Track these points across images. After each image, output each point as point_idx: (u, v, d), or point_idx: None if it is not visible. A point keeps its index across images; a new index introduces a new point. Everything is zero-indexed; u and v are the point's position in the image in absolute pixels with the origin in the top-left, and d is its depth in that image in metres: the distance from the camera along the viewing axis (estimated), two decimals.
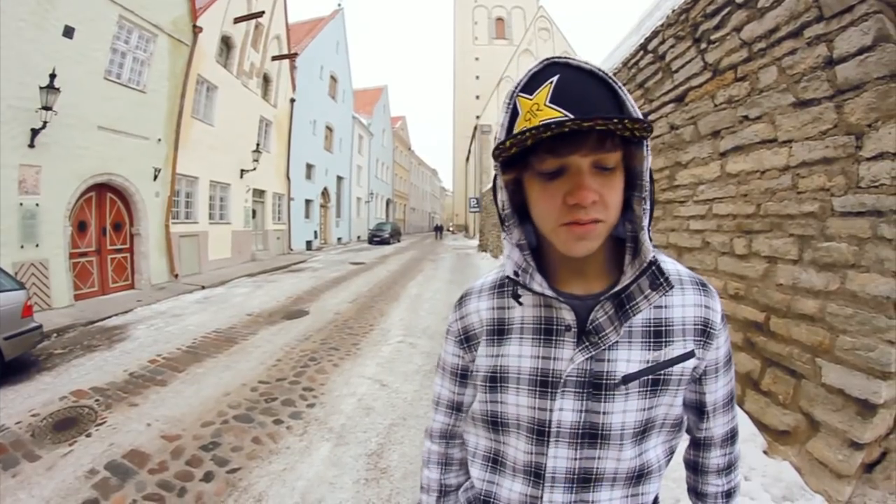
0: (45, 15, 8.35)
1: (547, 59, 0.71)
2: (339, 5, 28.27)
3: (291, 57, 20.07)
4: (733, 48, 3.30)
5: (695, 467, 0.95)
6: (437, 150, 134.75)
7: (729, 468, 0.92)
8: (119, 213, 10.92)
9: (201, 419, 4.15)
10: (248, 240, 17.43)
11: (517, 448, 0.83)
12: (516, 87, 0.70)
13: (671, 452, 0.86)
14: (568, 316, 0.76)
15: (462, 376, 0.96)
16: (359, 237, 33.48)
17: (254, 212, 18.11)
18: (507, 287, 0.88)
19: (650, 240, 0.73)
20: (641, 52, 4.84)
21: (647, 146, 0.70)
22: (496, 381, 0.83)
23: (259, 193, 18.56)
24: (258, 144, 17.21)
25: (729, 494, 0.93)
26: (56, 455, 3.52)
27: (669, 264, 0.83)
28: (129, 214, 11.18)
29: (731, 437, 0.92)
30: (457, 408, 0.99)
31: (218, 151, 14.71)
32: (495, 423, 0.86)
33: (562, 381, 0.76)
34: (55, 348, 6.47)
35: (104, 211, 10.47)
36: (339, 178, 29.36)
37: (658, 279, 0.73)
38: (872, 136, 2.25)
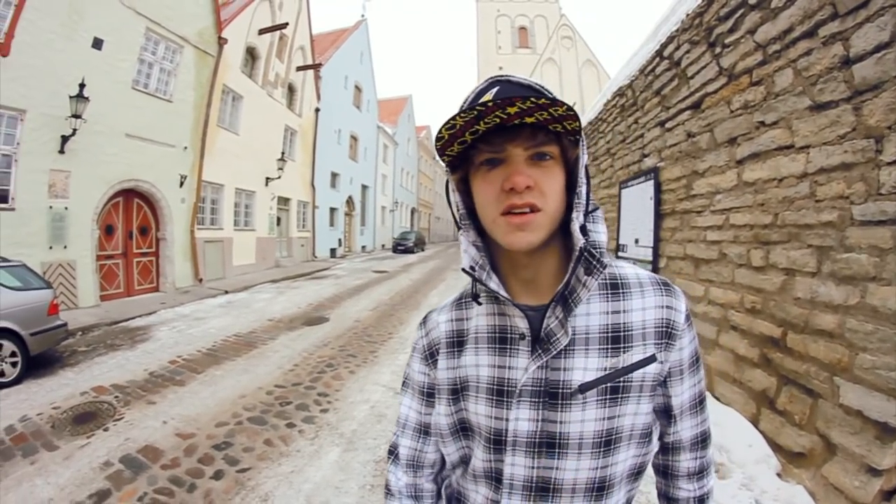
0: (75, 27, 8.65)
1: (490, 77, 0.75)
2: (363, 16, 28.56)
3: (316, 67, 20.33)
4: (748, 51, 3.19)
5: (665, 472, 0.90)
6: None
7: (701, 473, 0.88)
8: (145, 218, 11.17)
9: (216, 419, 4.21)
10: (273, 246, 17.62)
11: (476, 456, 0.82)
12: (465, 103, 0.74)
13: (640, 468, 0.80)
14: (521, 324, 0.76)
15: (429, 395, 0.93)
16: (383, 245, 33.57)
17: (278, 219, 18.31)
18: (466, 299, 0.90)
19: (584, 231, 0.72)
20: (658, 59, 4.73)
21: (582, 143, 0.73)
22: (457, 392, 0.84)
23: (284, 201, 18.76)
24: (283, 153, 17.41)
25: (701, 500, 0.88)
26: (74, 446, 3.66)
27: (628, 269, 0.82)
28: (156, 219, 11.42)
29: (702, 440, 0.87)
30: (424, 431, 0.94)
31: (243, 159, 14.94)
32: (465, 430, 0.85)
33: (517, 390, 0.75)
34: (79, 346, 6.66)
35: (131, 215, 10.72)
36: (364, 187, 29.54)
37: (591, 263, 0.71)
38: (893, 139, 2.11)
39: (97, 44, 9.06)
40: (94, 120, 8.90)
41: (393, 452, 0.98)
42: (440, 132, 0.66)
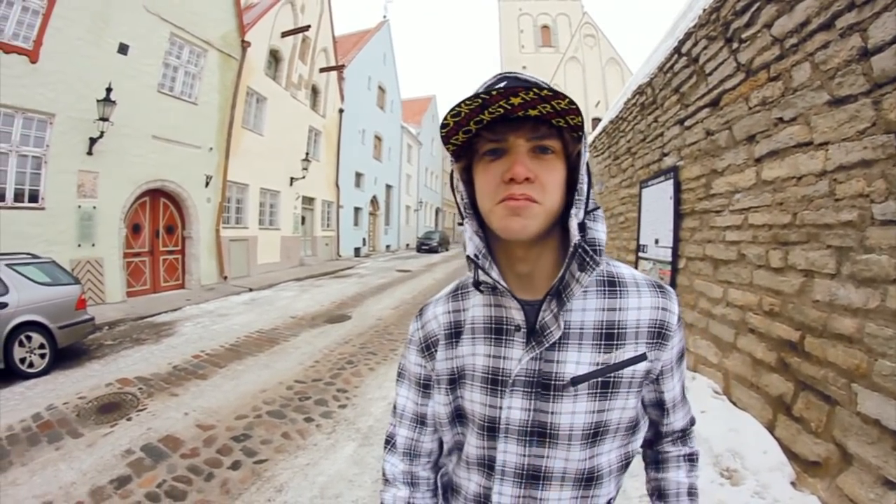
0: (101, 33, 8.97)
1: (499, 73, 0.75)
2: (385, 17, 28.73)
3: (339, 69, 20.54)
4: (765, 46, 3.09)
5: (651, 443, 0.97)
6: None
7: (684, 437, 0.95)
8: (172, 217, 11.49)
9: (236, 412, 4.34)
10: (297, 245, 17.85)
11: (469, 443, 0.85)
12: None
13: (626, 459, 0.84)
14: (517, 316, 0.78)
15: (425, 386, 0.95)
16: (407, 245, 33.71)
17: (303, 218, 18.55)
18: (462, 290, 0.92)
19: (583, 228, 0.74)
20: (676, 56, 4.63)
21: (584, 140, 0.74)
22: (455, 381, 0.87)
23: (308, 201, 19.01)
24: (307, 153, 17.67)
25: (692, 459, 0.94)
26: (97, 434, 3.83)
27: (624, 269, 0.85)
28: (182, 218, 11.74)
29: (690, 422, 0.96)
30: (421, 421, 0.96)
31: (268, 160, 15.19)
32: (460, 417, 0.87)
33: (510, 380, 0.77)
34: (105, 339, 6.93)
35: (157, 214, 11.06)
36: (388, 187, 29.71)
37: (584, 259, 0.72)
38: None
39: (123, 49, 9.38)
40: (121, 122, 9.19)
41: (390, 441, 0.99)
42: (445, 119, 0.68)
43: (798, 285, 2.84)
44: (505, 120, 0.69)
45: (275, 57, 15.90)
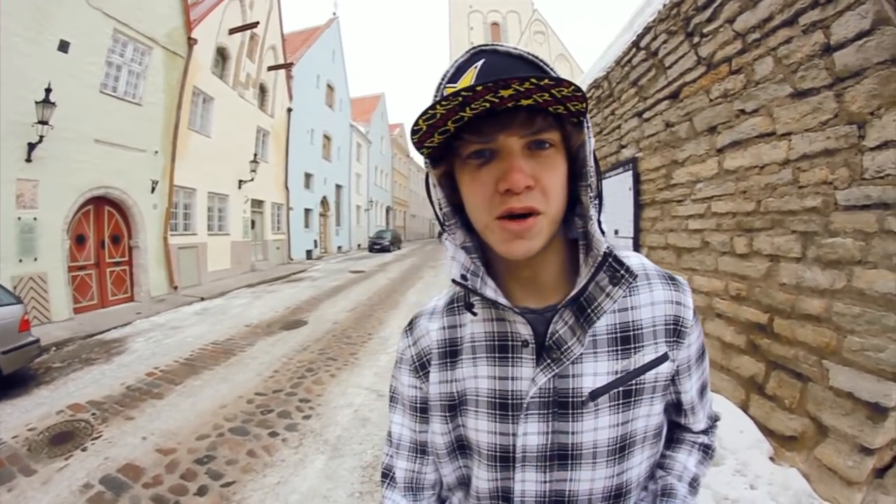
0: (41, 30, 8.37)
1: (474, 47, 0.65)
2: (335, 14, 28.33)
3: (287, 67, 20.09)
4: (727, 40, 3.21)
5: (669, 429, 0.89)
6: None
7: (707, 430, 0.90)
8: (117, 226, 10.90)
9: (197, 432, 4.13)
10: (248, 250, 17.37)
11: (478, 476, 0.75)
12: (443, 79, 0.65)
13: (653, 467, 0.79)
14: (524, 330, 0.69)
15: (423, 410, 0.84)
16: (359, 245, 33.36)
17: (253, 222, 18.05)
18: (458, 303, 0.82)
19: (602, 231, 0.66)
20: (634, 50, 4.75)
21: (587, 126, 0.64)
22: (455, 408, 0.77)
23: (258, 204, 18.50)
24: (256, 155, 17.16)
25: (706, 449, 0.88)
26: (52, 469, 3.54)
27: (633, 258, 0.76)
28: (128, 227, 11.17)
29: (712, 419, 0.91)
30: (421, 450, 0.86)
31: (215, 162, 14.67)
32: (462, 449, 0.78)
33: (524, 403, 0.69)
34: (53, 362, 6.46)
35: (102, 224, 10.45)
36: (338, 187, 29.31)
37: (618, 271, 0.65)
38: (875, 125, 2.14)
39: (63, 46, 8.79)
40: (62, 126, 8.64)
41: (388, 475, 0.90)
42: (417, 123, 0.56)
43: (764, 270, 2.98)
44: (491, 114, 0.58)
45: (222, 55, 15.37)
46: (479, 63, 0.61)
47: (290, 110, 21.14)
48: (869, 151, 2.18)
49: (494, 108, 0.56)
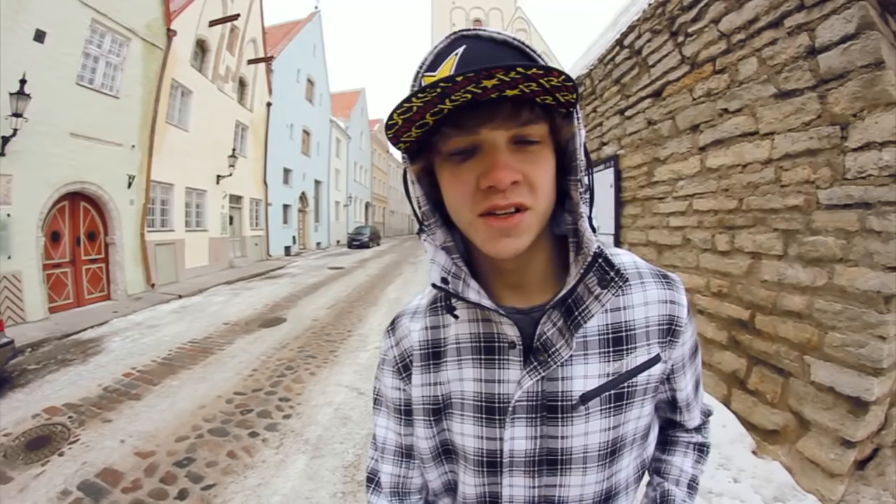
0: (16, 18, 8.03)
1: (454, 32, 0.59)
2: (316, 8, 27.93)
3: (267, 60, 19.74)
4: (711, 40, 3.26)
5: (663, 428, 0.88)
6: None
7: (700, 427, 0.88)
8: (93, 223, 10.56)
9: (176, 434, 4.04)
10: (226, 247, 17.07)
11: (464, 482, 0.73)
12: (421, 67, 0.60)
13: (643, 468, 0.76)
14: (510, 331, 0.65)
15: (407, 412, 0.80)
16: (338, 241, 33.08)
17: (231, 218, 17.73)
18: (441, 303, 0.77)
19: (593, 229, 0.61)
20: (618, 48, 4.79)
21: (578, 117, 0.59)
22: (439, 412, 0.74)
23: (236, 199, 18.17)
24: (234, 149, 16.78)
25: (701, 449, 0.87)
26: (28, 476, 3.42)
27: (625, 256, 0.74)
28: (104, 223, 10.82)
29: (705, 415, 0.89)
30: (407, 453, 0.82)
31: (193, 157, 14.33)
32: (448, 453, 0.75)
33: (511, 407, 0.65)
34: (29, 363, 6.24)
35: (78, 220, 10.11)
36: (317, 183, 28.99)
37: (607, 273, 0.61)
38: (858, 126, 2.19)
39: (39, 37, 8.42)
40: (37, 119, 8.30)
41: (373, 480, 0.86)
42: (391, 118, 0.52)
43: (746, 267, 3.04)
44: (473, 105, 0.53)
45: (201, 47, 14.98)
46: (460, 50, 0.56)
47: (269, 104, 20.77)
48: (851, 152, 2.24)
49: (477, 100, 0.52)
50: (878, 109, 2.10)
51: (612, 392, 0.66)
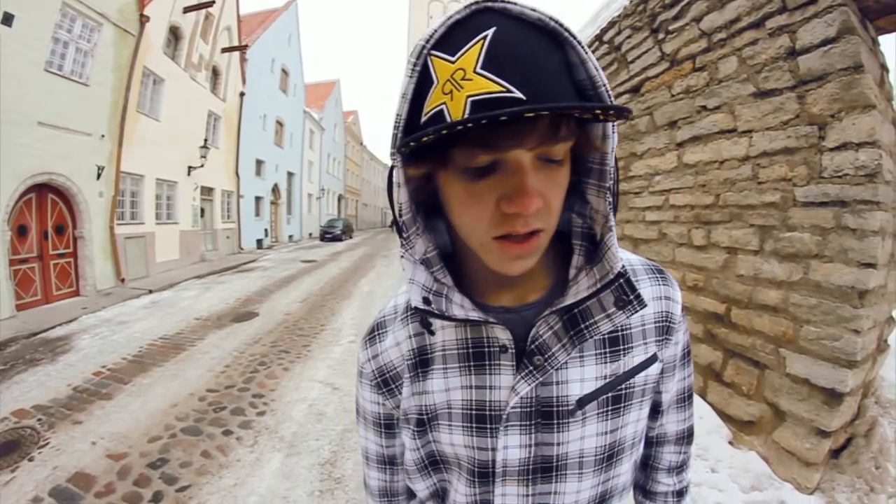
0: None
1: (475, 1, 0.48)
2: None
3: (242, 49, 19.23)
4: (692, 38, 3.30)
5: (644, 464, 0.82)
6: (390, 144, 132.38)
7: (681, 467, 0.82)
8: (61, 216, 10.16)
9: (148, 434, 3.95)
10: (197, 240, 16.67)
11: (457, 490, 0.69)
12: (427, 42, 0.49)
13: (635, 468, 0.73)
14: (502, 335, 0.61)
15: (387, 426, 0.77)
16: (311, 234, 32.67)
17: (202, 210, 17.32)
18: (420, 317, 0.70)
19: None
20: (597, 44, 4.82)
21: (613, 126, 0.53)
22: (423, 423, 0.69)
23: (207, 191, 17.73)
24: (206, 140, 16.33)
25: (680, 494, 0.82)
26: None
27: (619, 253, 0.67)
28: (72, 216, 10.42)
29: (687, 435, 0.80)
30: (390, 462, 0.81)
31: (164, 148, 13.90)
32: (435, 464, 0.71)
33: (504, 415, 0.62)
34: None
35: (45, 213, 9.70)
36: (290, 175, 28.54)
37: (627, 296, 0.58)
38: (836, 127, 2.26)
39: (7, 20, 8.01)
40: (4, 106, 7.95)
41: (366, 484, 0.87)
42: (421, 136, 0.42)
43: (722, 261, 3.11)
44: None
45: (175, 35, 14.48)
46: (490, 35, 0.45)
47: (242, 94, 20.27)
48: (828, 152, 2.30)
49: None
50: (855, 111, 2.16)
51: (610, 395, 0.63)
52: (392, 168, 0.55)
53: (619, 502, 0.70)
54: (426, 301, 0.60)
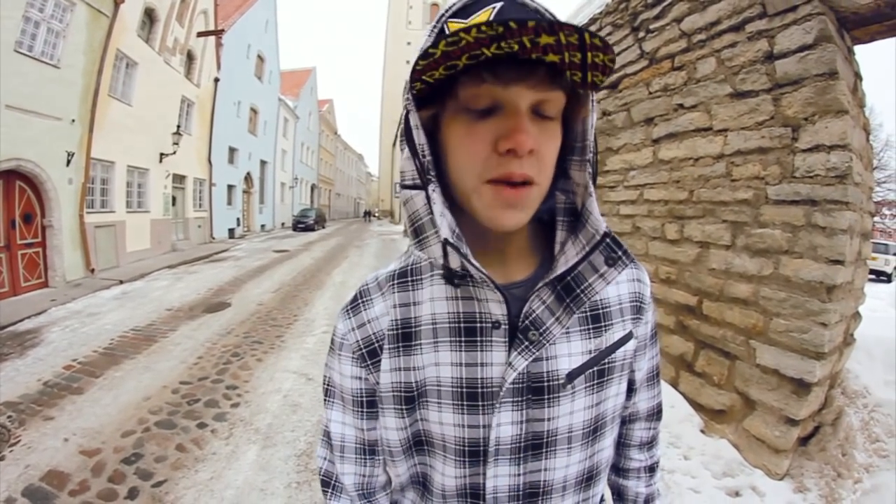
0: None
1: None
2: None
3: (218, 34, 18.61)
4: (672, 38, 3.37)
5: (616, 443, 0.81)
6: (364, 134, 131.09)
7: (651, 443, 0.85)
8: (29, 204, 9.68)
9: (121, 428, 3.86)
10: (168, 229, 16.22)
11: (444, 473, 0.67)
12: (445, 12, 0.56)
13: (615, 444, 0.77)
14: (497, 309, 0.61)
15: (370, 404, 0.72)
16: (283, 224, 32.17)
17: (174, 199, 16.80)
18: (413, 277, 0.70)
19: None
20: None
21: (592, 99, 0.59)
22: (412, 400, 0.67)
23: (179, 179, 17.20)
24: (179, 126, 15.75)
25: (651, 469, 0.86)
26: None
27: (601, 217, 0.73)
28: (41, 204, 9.95)
29: (657, 411, 0.84)
30: (370, 450, 0.75)
31: (136, 134, 13.42)
32: (419, 444, 0.69)
33: (500, 391, 0.62)
34: None
35: (13, 201, 9.23)
36: (263, 163, 27.99)
37: (615, 252, 0.60)
38: (809, 129, 2.35)
39: None
40: None
41: (329, 483, 0.78)
42: (435, 45, 0.46)
43: (694, 255, 3.21)
44: (512, 60, 0.48)
45: (150, 17, 13.92)
46: (498, 6, 0.52)
47: (217, 80, 19.69)
48: (801, 153, 2.40)
49: (516, 55, 0.48)
50: (829, 115, 2.26)
51: (595, 369, 0.65)
52: (407, 113, 0.58)
53: (602, 483, 0.72)
54: (457, 238, 0.59)
